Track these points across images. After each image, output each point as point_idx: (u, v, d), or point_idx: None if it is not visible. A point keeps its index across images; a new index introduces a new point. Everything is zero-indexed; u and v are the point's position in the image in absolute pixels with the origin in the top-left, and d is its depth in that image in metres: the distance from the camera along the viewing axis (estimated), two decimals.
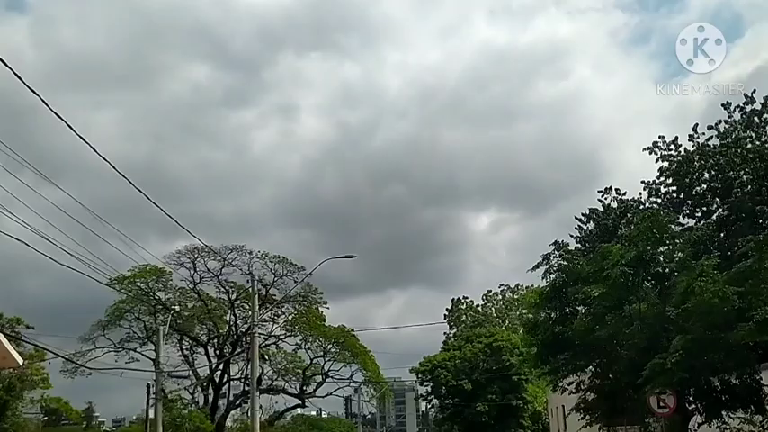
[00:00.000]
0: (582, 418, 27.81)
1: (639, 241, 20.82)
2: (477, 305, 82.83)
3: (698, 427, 24.08)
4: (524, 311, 29.57)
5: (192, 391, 61.58)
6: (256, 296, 25.50)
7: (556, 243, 26.77)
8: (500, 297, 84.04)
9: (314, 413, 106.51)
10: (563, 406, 45.82)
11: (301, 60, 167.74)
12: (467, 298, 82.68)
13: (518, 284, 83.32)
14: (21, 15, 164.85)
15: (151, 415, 41.48)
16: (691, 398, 22.70)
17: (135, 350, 60.85)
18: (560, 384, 28.14)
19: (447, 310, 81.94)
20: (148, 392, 37.21)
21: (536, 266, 25.78)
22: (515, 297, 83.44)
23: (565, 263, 25.45)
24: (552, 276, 25.11)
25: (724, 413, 22.84)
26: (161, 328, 32.89)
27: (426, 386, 65.52)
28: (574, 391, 27.68)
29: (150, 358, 61.77)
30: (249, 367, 64.14)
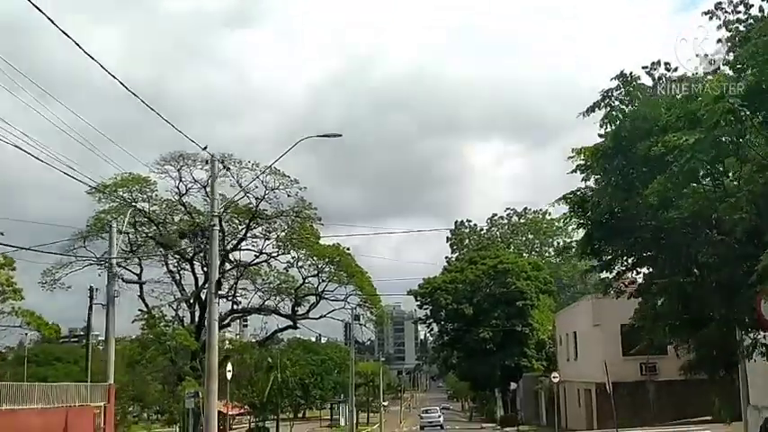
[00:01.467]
0: (643, 336, 23.15)
1: (756, 65, 13.40)
2: (482, 228, 78.51)
3: None
4: (574, 168, 19.38)
5: (176, 308, 58.17)
6: (216, 181, 20.83)
7: (621, 75, 18.39)
8: (505, 221, 79.71)
9: (313, 338, 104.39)
10: (574, 333, 42.04)
11: None
12: (470, 221, 78.34)
13: (525, 208, 79.05)
14: None
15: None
16: None
17: (119, 264, 57.52)
18: (615, 284, 21.62)
19: (450, 231, 77.66)
20: (91, 297, 32.87)
21: (591, 109, 18.18)
22: (522, 221, 79.19)
23: (630, 107, 18.08)
24: (614, 125, 17.60)
25: None
26: (113, 222, 28.21)
27: (425, 309, 61.62)
28: (634, 294, 21.67)
29: (135, 273, 58.53)
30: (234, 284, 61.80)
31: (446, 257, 70.00)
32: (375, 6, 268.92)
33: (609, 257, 20.19)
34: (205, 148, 19.48)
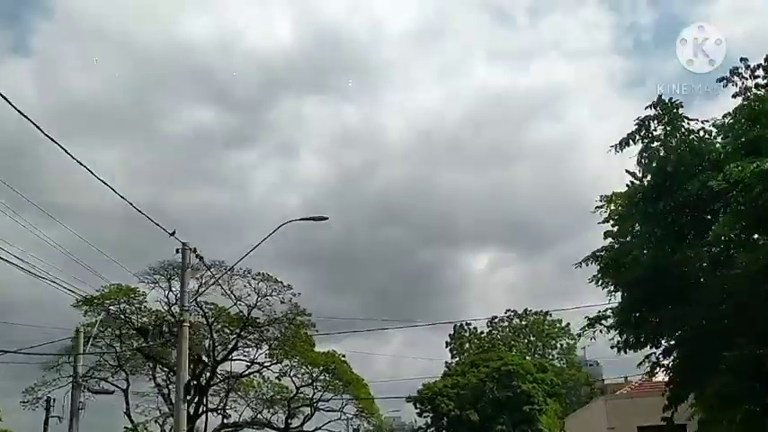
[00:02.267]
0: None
1: None
2: (482, 332, 75.83)
3: None
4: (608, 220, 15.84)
5: (162, 423, 55.05)
6: (188, 271, 18.98)
7: (660, 102, 15.23)
8: (506, 324, 77.13)
9: None
10: None
11: (301, 102, 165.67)
12: (470, 325, 75.63)
13: (526, 310, 76.61)
14: (25, 58, 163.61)
15: None
16: None
17: (106, 380, 54.86)
18: (662, 363, 18.46)
19: (449, 336, 74.86)
20: (48, 409, 30.24)
21: (626, 142, 15.11)
22: (523, 323, 76.72)
23: (676, 134, 14.77)
24: (655, 161, 14.61)
25: None
26: (80, 327, 26.16)
27: (426, 417, 58.01)
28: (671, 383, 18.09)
29: (122, 389, 55.82)
30: (225, 398, 58.79)
31: (446, 362, 67.29)
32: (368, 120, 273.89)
33: (648, 330, 16.31)
34: (173, 233, 17.78)
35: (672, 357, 19.21)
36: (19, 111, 12.30)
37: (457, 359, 70.58)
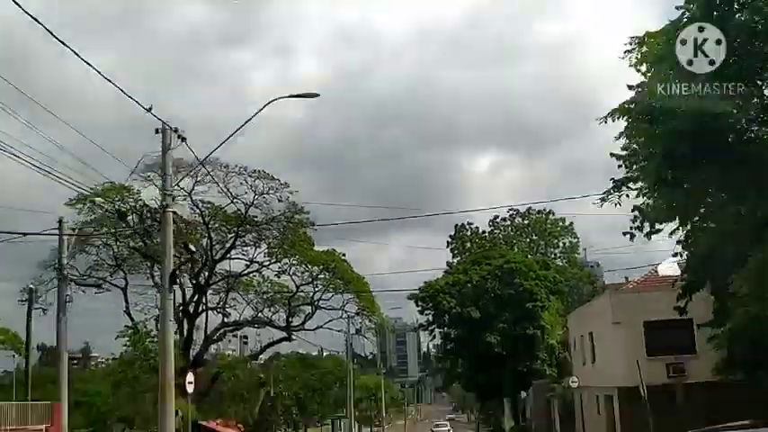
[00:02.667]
0: None
1: None
2: (483, 232, 74.83)
3: None
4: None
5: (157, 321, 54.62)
6: (169, 153, 17.38)
7: None
8: (508, 223, 76.04)
9: (315, 353, 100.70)
10: (590, 333, 38.45)
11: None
12: (471, 224, 74.53)
13: (529, 209, 75.41)
14: None
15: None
16: None
17: (105, 279, 54.20)
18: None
19: (450, 236, 73.93)
20: (30, 300, 29.18)
21: None
22: (525, 222, 75.62)
23: None
24: None
25: None
26: (62, 218, 24.71)
27: (427, 315, 57.61)
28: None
29: (121, 288, 55.27)
30: (225, 296, 58.27)
31: (447, 263, 66.54)
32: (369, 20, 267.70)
33: (687, 194, 13.70)
34: (149, 109, 16.05)
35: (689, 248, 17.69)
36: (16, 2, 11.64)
37: (458, 259, 69.84)
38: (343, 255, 57.04)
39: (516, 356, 51.91)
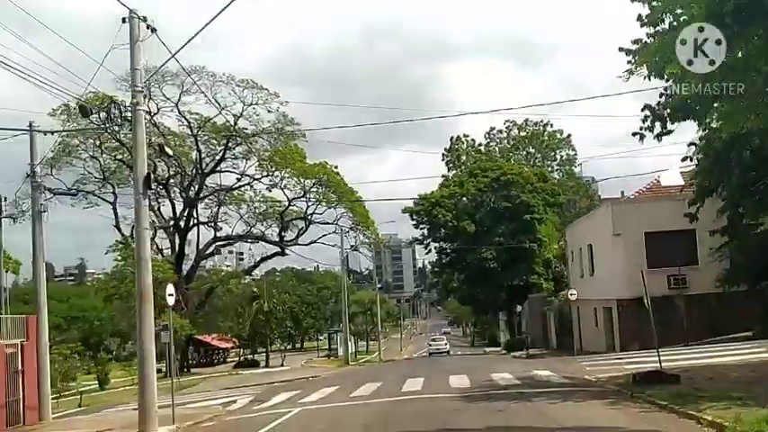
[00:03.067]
0: None
1: None
2: (479, 144, 73.15)
3: None
4: None
5: (152, 236, 53.63)
6: (138, 44, 15.65)
7: None
8: (505, 135, 74.31)
9: (311, 268, 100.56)
10: (590, 245, 37.47)
11: None
12: (467, 136, 72.80)
13: (526, 120, 73.61)
14: None
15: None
16: None
17: (93, 193, 52.94)
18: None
19: (445, 149, 72.29)
20: None
21: None
22: (522, 134, 73.85)
23: None
24: None
25: None
26: (32, 122, 23.11)
27: (422, 229, 56.59)
28: None
29: (109, 202, 53.99)
30: (216, 210, 57.13)
31: (443, 175, 65.20)
32: None
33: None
34: None
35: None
36: None
37: (454, 172, 68.46)
38: (336, 167, 55.80)
39: (512, 270, 51.21)
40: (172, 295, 16.14)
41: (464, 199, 53.25)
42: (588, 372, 20.95)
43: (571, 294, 34.05)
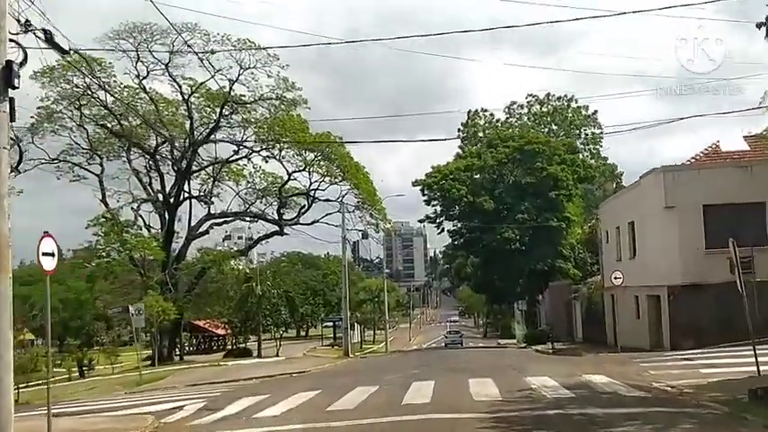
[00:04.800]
0: None
1: None
2: (498, 120, 67.46)
3: None
4: None
5: (135, 209, 48.86)
6: None
7: None
8: (526, 110, 68.61)
9: (321, 254, 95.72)
10: (631, 223, 32.02)
11: None
12: (485, 111, 67.04)
13: (549, 94, 67.99)
14: None
15: None
16: None
17: (80, 166, 48.54)
18: None
19: (461, 124, 66.63)
20: None
21: None
22: (544, 110, 68.14)
23: None
24: None
25: None
26: None
27: (435, 206, 50.66)
28: None
29: (95, 174, 50.31)
30: (211, 184, 52.20)
31: (459, 146, 59.34)
32: None
33: None
34: None
35: None
36: None
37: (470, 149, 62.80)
38: (340, 138, 50.55)
39: (536, 253, 45.39)
40: (50, 255, 10.86)
41: (482, 172, 47.42)
42: (655, 377, 15.69)
43: (615, 278, 28.47)
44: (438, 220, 51.13)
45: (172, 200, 50.19)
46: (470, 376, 17.05)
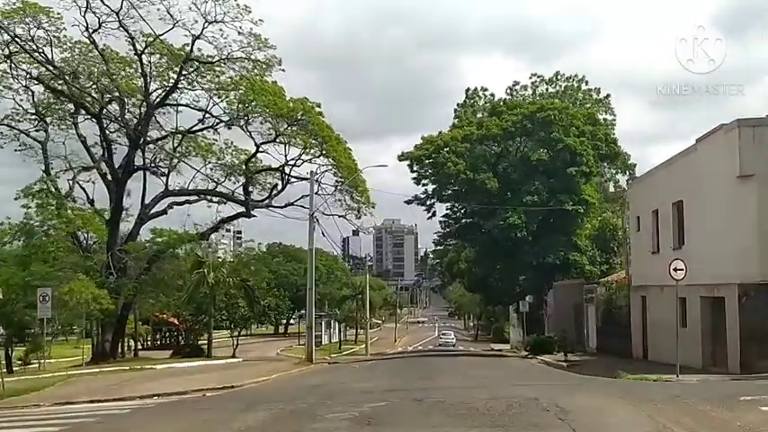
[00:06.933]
0: None
1: None
2: (499, 100, 59.69)
3: None
4: None
5: (71, 179, 41.73)
6: None
7: None
8: (530, 91, 60.97)
9: (299, 246, 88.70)
10: (678, 203, 24.79)
11: None
12: (485, 89, 59.12)
13: (557, 73, 60.61)
14: None
15: None
16: None
17: (27, 133, 42.05)
18: None
19: (457, 105, 58.79)
20: None
21: None
22: (551, 91, 60.54)
23: None
24: None
25: None
26: None
27: (425, 185, 42.66)
28: None
29: (39, 141, 44.21)
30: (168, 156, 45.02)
31: (456, 115, 51.30)
32: None
33: None
34: None
35: None
36: None
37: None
38: (318, 105, 43.27)
39: (548, 240, 37.76)
40: None
41: (484, 143, 39.73)
42: None
43: (676, 270, 20.32)
44: (429, 202, 43.01)
45: (120, 171, 43.02)
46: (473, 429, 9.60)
